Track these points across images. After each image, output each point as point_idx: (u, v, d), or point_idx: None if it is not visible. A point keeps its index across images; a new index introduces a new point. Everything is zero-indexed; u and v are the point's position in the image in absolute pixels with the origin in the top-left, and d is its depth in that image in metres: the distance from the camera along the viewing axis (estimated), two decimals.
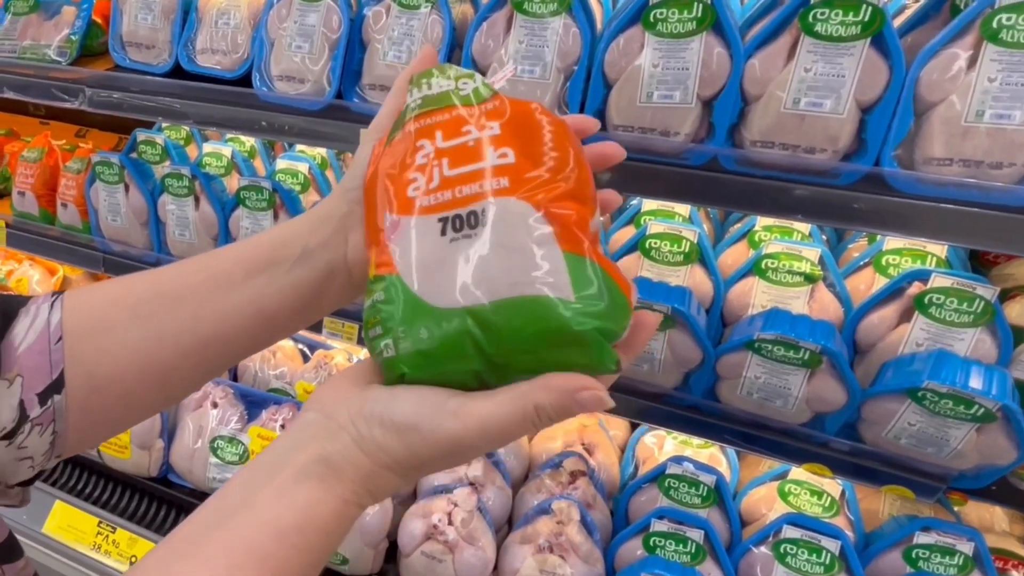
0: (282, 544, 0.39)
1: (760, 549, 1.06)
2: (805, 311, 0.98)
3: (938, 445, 0.87)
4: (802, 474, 1.14)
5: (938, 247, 1.00)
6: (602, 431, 1.40)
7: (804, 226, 1.13)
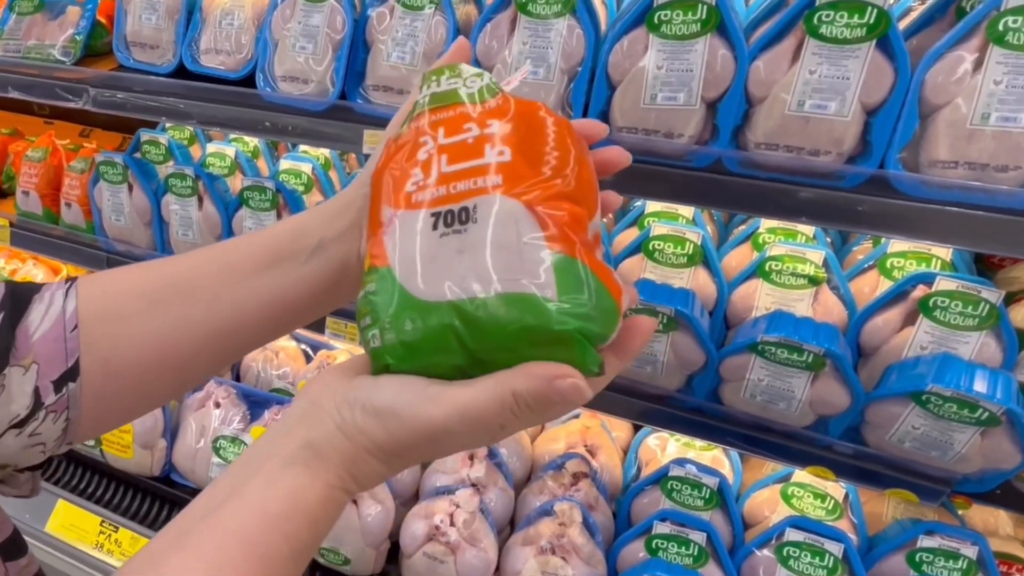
0: (269, 531, 0.39)
1: (763, 552, 1.06)
2: (809, 314, 0.98)
3: (942, 449, 0.87)
4: (805, 477, 1.14)
5: (943, 250, 1.00)
6: (605, 433, 1.40)
7: (808, 228, 1.12)
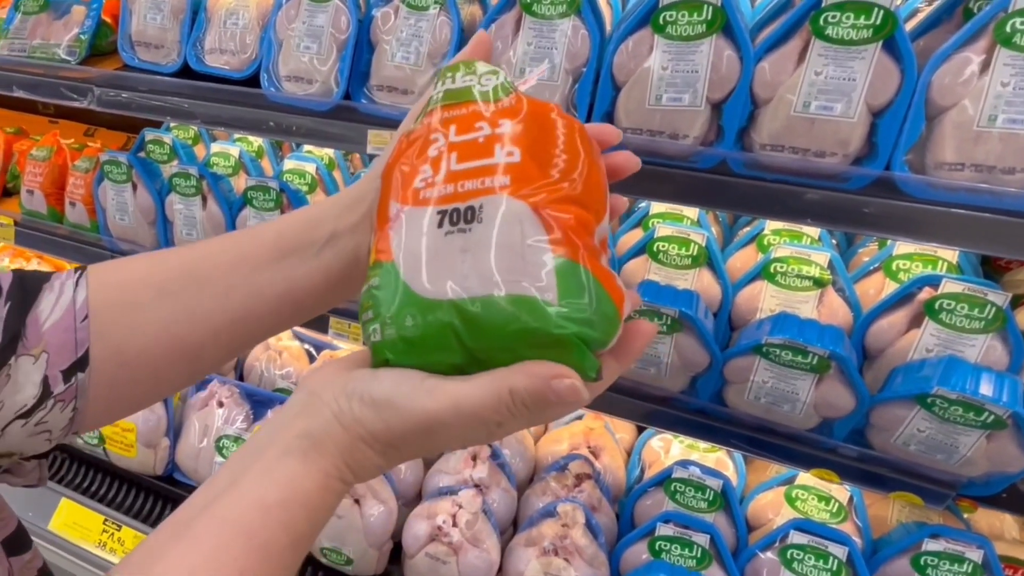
0: (267, 520, 0.40)
1: (766, 554, 1.05)
2: (814, 316, 0.97)
3: (947, 452, 0.86)
4: (810, 479, 1.13)
5: (949, 252, 0.99)
6: (608, 434, 1.39)
7: (814, 230, 1.12)
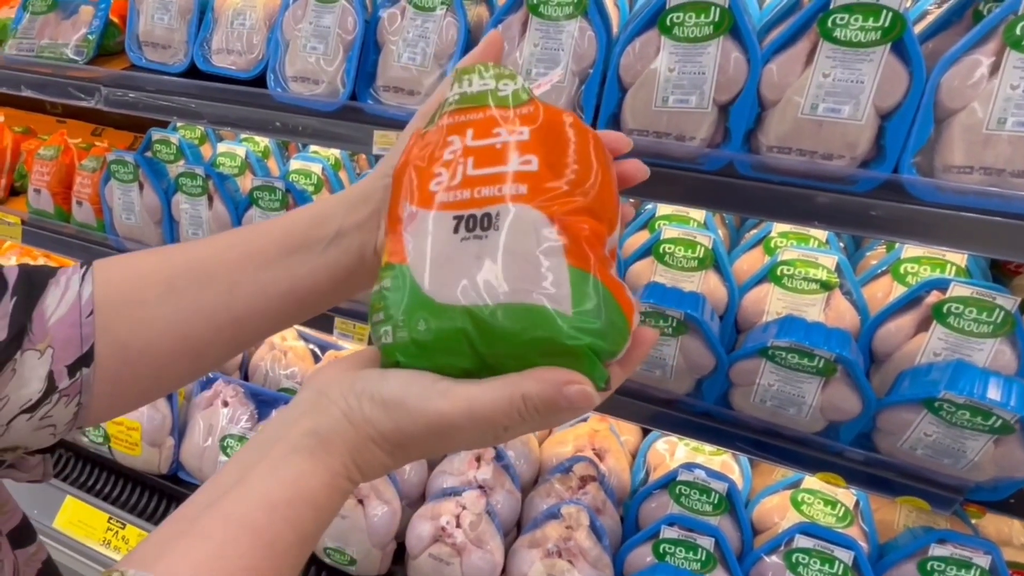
0: (274, 517, 0.40)
1: (771, 558, 1.05)
2: (821, 319, 0.97)
3: (955, 456, 0.86)
4: (816, 483, 1.13)
5: (958, 256, 0.99)
6: (613, 436, 1.39)
7: (821, 233, 1.12)
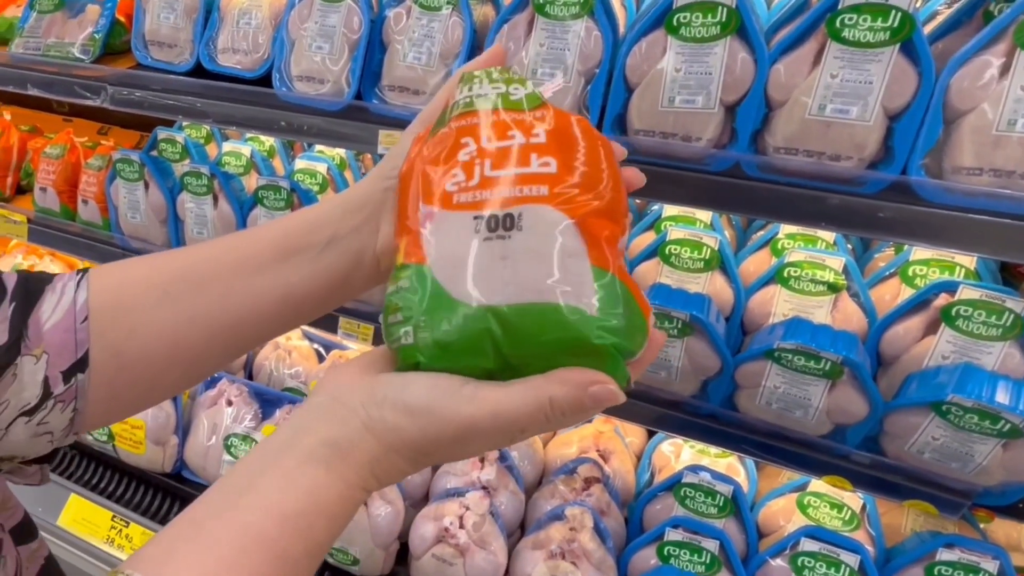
0: (286, 528, 0.39)
1: (777, 561, 1.04)
2: (828, 321, 0.96)
3: (962, 460, 0.85)
4: (822, 486, 1.12)
5: (967, 258, 0.98)
6: (618, 438, 1.39)
7: (829, 234, 1.11)
